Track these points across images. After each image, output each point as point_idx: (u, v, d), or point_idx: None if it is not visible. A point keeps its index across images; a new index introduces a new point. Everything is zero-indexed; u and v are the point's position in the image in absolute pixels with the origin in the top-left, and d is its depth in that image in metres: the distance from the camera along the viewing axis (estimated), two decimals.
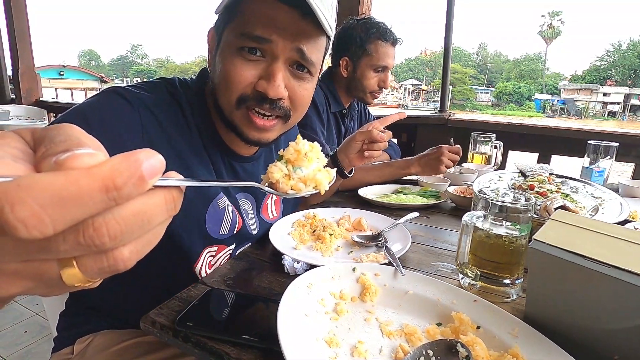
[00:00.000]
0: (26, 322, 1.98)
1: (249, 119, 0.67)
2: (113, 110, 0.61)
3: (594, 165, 1.25)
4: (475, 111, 50.31)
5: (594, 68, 55.66)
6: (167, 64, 79.01)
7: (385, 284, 0.60)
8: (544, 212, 0.81)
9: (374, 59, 1.46)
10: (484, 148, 1.52)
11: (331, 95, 1.52)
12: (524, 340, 0.48)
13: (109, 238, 0.20)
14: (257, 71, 0.65)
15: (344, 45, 1.47)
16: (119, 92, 0.63)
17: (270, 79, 0.64)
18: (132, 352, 0.72)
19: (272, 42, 0.63)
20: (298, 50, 0.65)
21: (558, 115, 47.60)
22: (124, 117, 0.61)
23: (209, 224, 0.72)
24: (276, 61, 0.64)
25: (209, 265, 0.76)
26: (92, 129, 0.56)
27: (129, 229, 0.21)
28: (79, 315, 0.81)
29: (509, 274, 0.62)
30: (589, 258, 0.46)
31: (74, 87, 29.84)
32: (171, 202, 0.23)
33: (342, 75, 1.50)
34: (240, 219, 0.79)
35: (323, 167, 0.50)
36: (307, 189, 0.47)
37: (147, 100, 0.65)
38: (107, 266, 0.21)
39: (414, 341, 0.50)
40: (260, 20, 0.62)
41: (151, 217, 0.22)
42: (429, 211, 1.10)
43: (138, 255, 0.23)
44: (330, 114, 1.51)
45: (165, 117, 0.66)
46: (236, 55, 0.64)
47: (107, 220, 0.20)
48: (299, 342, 0.44)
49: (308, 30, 0.64)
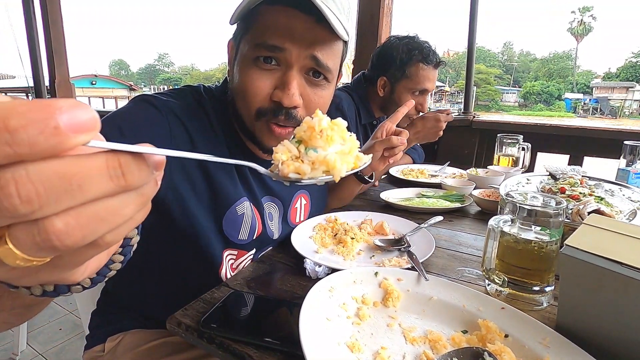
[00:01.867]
0: (61, 320, 2.08)
1: (269, 129, 0.68)
2: (144, 118, 0.64)
3: (631, 167, 1.18)
4: (501, 112, 48.82)
5: (630, 65, 52.85)
6: (192, 71, 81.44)
7: (408, 289, 0.59)
8: (577, 217, 0.77)
9: (412, 82, 1.40)
10: (511, 150, 1.47)
11: (363, 107, 1.49)
12: (556, 351, 0.46)
13: (21, 200, 0.17)
14: (272, 80, 0.66)
15: (384, 65, 1.43)
16: (149, 100, 0.66)
17: (284, 87, 0.64)
18: (159, 351, 0.74)
19: (285, 50, 0.63)
20: (312, 57, 0.65)
21: (590, 115, 45.42)
22: (154, 124, 0.63)
23: (227, 229, 0.73)
24: (290, 69, 0.65)
25: (231, 268, 0.77)
26: (126, 137, 0.59)
27: (51, 193, 0.17)
28: (110, 314, 0.84)
29: (539, 280, 0.59)
30: (626, 265, 0.43)
31: (105, 95, 31.24)
32: (116, 168, 0.19)
33: (378, 94, 1.47)
34: (261, 224, 0.79)
35: (350, 151, 0.40)
36: (313, 173, 0.36)
37: (175, 107, 0.67)
38: (40, 240, 0.18)
39: (438, 348, 0.49)
40: (273, 29, 0.63)
41: (83, 182, 0.18)
42: (453, 215, 1.08)
43: (81, 231, 0.19)
44: (360, 125, 1.49)
45: (192, 124, 0.68)
46: (252, 66, 0.65)
47: (16, 177, 0.17)
48: (321, 346, 0.44)
49: (322, 36, 0.64)
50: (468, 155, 2.15)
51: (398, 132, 0.95)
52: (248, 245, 0.78)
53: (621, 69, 53.85)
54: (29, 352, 1.82)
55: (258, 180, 0.80)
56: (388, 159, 0.95)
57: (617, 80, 50.66)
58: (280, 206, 0.86)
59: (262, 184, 0.81)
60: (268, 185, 0.82)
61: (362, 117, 1.49)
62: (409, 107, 1.06)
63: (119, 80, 42.93)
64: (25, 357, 1.79)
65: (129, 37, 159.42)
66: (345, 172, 0.38)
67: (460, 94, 47.84)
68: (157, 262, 0.77)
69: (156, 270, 0.78)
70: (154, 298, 0.81)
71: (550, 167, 1.15)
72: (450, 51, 72.23)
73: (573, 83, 55.23)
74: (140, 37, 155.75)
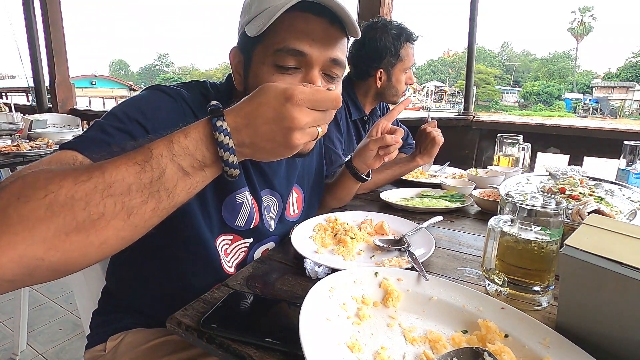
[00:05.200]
0: (61, 320, 2.08)
1: None
2: (162, 104, 0.66)
3: (631, 167, 1.18)
4: (501, 112, 48.77)
5: (630, 65, 52.75)
6: (192, 71, 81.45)
7: (408, 289, 0.59)
8: (577, 217, 0.77)
9: (405, 62, 1.46)
10: (511, 150, 1.47)
11: (352, 103, 1.51)
12: (556, 351, 0.46)
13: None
14: (296, 82, 0.67)
15: (376, 58, 1.44)
16: (162, 89, 0.69)
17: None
18: (160, 350, 0.74)
19: (307, 54, 0.66)
20: (332, 59, 0.68)
21: (590, 115, 45.36)
22: (171, 110, 0.66)
23: (224, 213, 0.76)
24: (313, 70, 0.68)
25: (225, 253, 0.78)
26: (148, 119, 0.61)
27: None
28: (111, 313, 0.84)
29: (539, 280, 0.59)
30: (626, 265, 0.43)
31: (105, 95, 31.23)
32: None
33: (375, 86, 1.49)
34: (258, 216, 0.81)
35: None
36: None
37: (186, 96, 0.70)
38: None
39: (438, 348, 0.49)
40: (293, 35, 0.65)
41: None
42: (453, 215, 1.08)
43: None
44: (350, 122, 1.51)
45: (201, 115, 0.69)
46: (274, 71, 0.67)
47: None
48: (321, 346, 0.44)
49: (337, 36, 0.68)
50: (468, 155, 2.15)
51: (393, 131, 0.96)
52: (244, 233, 0.80)
53: (621, 69, 53.79)
54: (29, 352, 1.82)
55: (259, 174, 0.82)
56: (383, 157, 0.96)
57: (617, 80, 50.61)
58: (279, 200, 0.87)
59: (262, 178, 0.84)
60: (268, 178, 0.85)
61: (352, 114, 1.51)
62: (405, 106, 1.10)
63: (119, 80, 42.94)
64: (25, 357, 1.79)
65: (129, 37, 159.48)
66: None
67: (460, 94, 47.85)
68: (157, 260, 0.77)
69: (156, 268, 0.79)
70: (154, 297, 0.81)
71: (551, 167, 1.15)
72: (450, 51, 72.16)
73: (573, 83, 55.18)
74: (140, 37, 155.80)
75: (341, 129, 1.42)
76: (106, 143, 0.56)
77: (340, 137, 1.40)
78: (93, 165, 0.42)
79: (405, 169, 1.31)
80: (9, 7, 4.13)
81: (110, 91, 33.69)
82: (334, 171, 1.19)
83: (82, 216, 0.38)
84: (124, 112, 0.62)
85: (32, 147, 2.22)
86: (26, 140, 2.38)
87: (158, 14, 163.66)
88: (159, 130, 0.49)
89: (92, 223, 0.38)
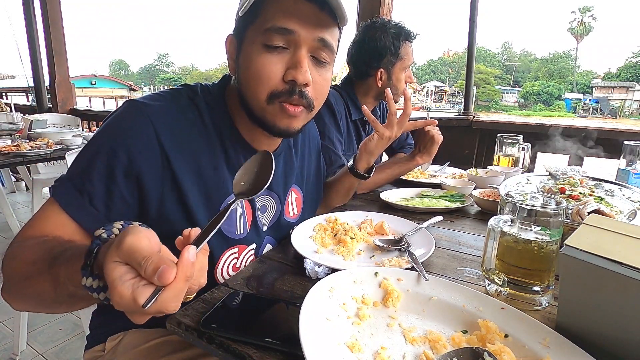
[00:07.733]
0: (61, 320, 2.08)
1: (282, 109, 0.70)
2: (130, 130, 0.66)
3: (631, 167, 1.18)
4: (501, 112, 48.75)
5: (630, 65, 52.76)
6: (192, 71, 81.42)
7: (408, 289, 0.59)
8: (577, 217, 0.77)
9: (404, 61, 1.46)
10: (511, 150, 1.47)
11: (352, 103, 1.51)
12: (556, 351, 0.46)
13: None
14: (283, 62, 0.68)
15: (376, 58, 1.44)
16: (138, 107, 0.68)
17: (297, 66, 0.68)
18: (160, 350, 0.74)
19: (295, 32, 0.66)
20: (320, 39, 0.69)
21: (591, 115, 45.34)
22: (139, 134, 0.66)
23: (224, 227, 0.75)
24: (300, 49, 0.68)
25: (233, 268, 0.77)
26: (118, 157, 0.64)
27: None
28: (110, 314, 0.84)
29: (539, 280, 0.59)
30: (626, 265, 0.43)
31: (105, 95, 31.23)
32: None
33: (375, 86, 1.48)
34: (251, 216, 0.80)
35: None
36: None
37: (161, 110, 0.69)
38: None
39: (438, 348, 0.49)
40: (282, 14, 0.66)
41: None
42: (453, 215, 1.08)
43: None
44: (350, 122, 1.51)
45: (180, 122, 0.71)
46: (262, 50, 0.68)
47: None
48: (321, 347, 0.44)
49: (326, 21, 0.69)
50: (468, 155, 2.15)
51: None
52: (246, 239, 0.79)
53: (621, 69, 53.79)
54: (29, 352, 1.81)
55: None
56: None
57: (617, 80, 50.60)
58: (277, 200, 0.87)
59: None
60: None
61: (352, 114, 1.51)
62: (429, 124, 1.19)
63: (119, 80, 42.95)
64: (25, 357, 1.79)
65: (129, 37, 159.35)
66: None
67: (460, 94, 47.84)
68: None
69: None
70: None
71: (551, 167, 1.15)
72: (450, 51, 72.17)
73: (573, 83, 55.17)
74: (140, 37, 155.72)
75: (341, 129, 1.42)
76: (94, 207, 0.63)
77: (340, 138, 1.40)
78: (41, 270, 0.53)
79: (405, 169, 1.31)
80: (9, 7, 4.13)
81: (110, 91, 33.69)
82: (334, 172, 1.19)
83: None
84: (101, 159, 0.64)
85: (32, 147, 2.22)
86: (26, 140, 2.38)
87: (158, 14, 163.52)
88: (134, 155, 0.64)
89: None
